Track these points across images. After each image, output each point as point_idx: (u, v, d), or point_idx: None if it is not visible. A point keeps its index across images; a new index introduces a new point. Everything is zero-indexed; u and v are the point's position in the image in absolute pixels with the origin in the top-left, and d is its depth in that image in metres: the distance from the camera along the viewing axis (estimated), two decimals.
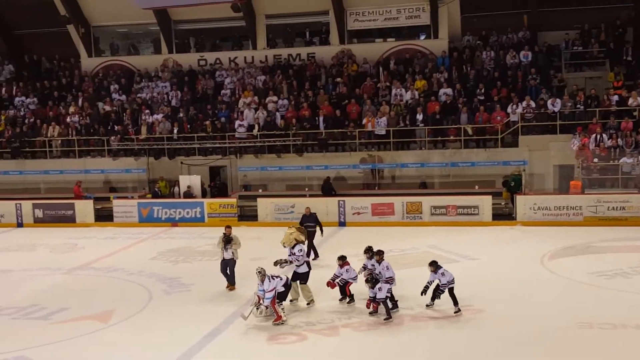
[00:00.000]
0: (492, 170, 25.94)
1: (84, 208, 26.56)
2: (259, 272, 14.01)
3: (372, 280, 13.98)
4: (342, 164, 27.19)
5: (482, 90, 27.82)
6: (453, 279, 13.91)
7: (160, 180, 27.48)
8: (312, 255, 18.68)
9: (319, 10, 31.93)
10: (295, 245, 15.12)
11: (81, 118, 30.37)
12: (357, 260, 18.82)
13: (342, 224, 24.51)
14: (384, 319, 13.60)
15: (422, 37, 31.79)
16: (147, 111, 29.96)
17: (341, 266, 14.81)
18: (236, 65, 32.29)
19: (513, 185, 24.50)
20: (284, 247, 15.49)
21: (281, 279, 14.12)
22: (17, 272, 19.19)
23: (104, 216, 26.72)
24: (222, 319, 14.14)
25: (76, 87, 32.79)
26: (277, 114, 28.67)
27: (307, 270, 14.98)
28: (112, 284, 17.75)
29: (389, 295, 13.92)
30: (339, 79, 29.81)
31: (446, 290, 13.93)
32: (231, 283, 16.32)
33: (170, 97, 31.01)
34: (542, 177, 25.82)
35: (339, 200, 24.76)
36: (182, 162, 28.35)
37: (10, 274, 19.09)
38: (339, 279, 14.78)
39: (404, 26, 31.66)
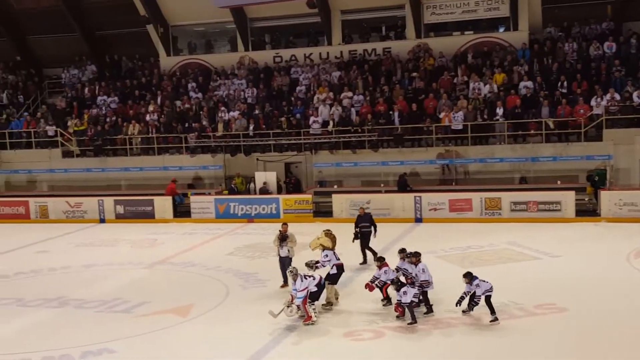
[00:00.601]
0: (575, 165, 25.07)
1: (163, 204, 27.03)
2: (290, 271, 13.97)
3: (398, 283, 13.66)
4: (419, 159, 26.80)
5: (564, 83, 26.98)
6: (490, 287, 13.28)
7: (237, 177, 27.73)
8: (368, 256, 18.14)
9: (395, 5, 31.56)
10: (323, 250, 15.04)
11: (160, 116, 30.93)
12: (434, 258, 18.63)
13: (418, 220, 24.20)
14: (408, 323, 13.22)
15: (501, 30, 31.07)
16: (223, 108, 30.28)
17: (379, 267, 14.51)
18: (311, 61, 32.27)
19: (597, 180, 23.69)
20: (312, 250, 15.59)
21: (314, 279, 13.91)
22: (100, 267, 19.68)
23: (182, 212, 27.13)
24: (298, 314, 14.11)
25: (155, 85, 33.44)
26: (352, 109, 28.52)
27: (337, 272, 14.78)
28: (190, 278, 17.98)
29: (415, 300, 13.48)
30: (415, 74, 29.45)
31: (483, 299, 13.34)
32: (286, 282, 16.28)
33: (246, 94, 31.26)
34: (628, 172, 24.87)
35: (415, 196, 24.45)
36: (257, 159, 28.52)
37: (93, 268, 19.58)
38: (377, 280, 14.47)
39: (483, 19, 31.00)
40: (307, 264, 14.64)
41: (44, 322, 14.64)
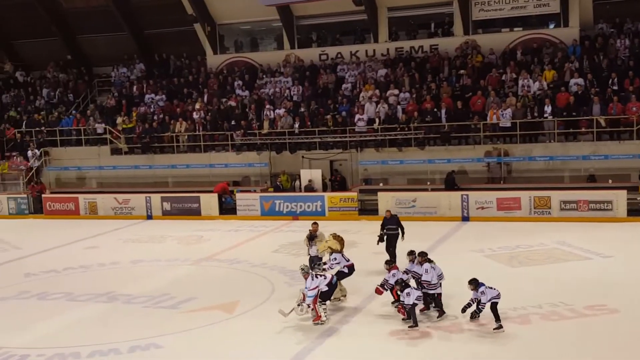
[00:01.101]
0: (627, 163, 24.54)
1: (209, 201, 27.22)
2: (302, 269, 13.90)
3: (402, 284, 13.37)
4: (466, 157, 26.51)
5: (616, 80, 26.37)
6: (497, 295, 12.81)
7: (282, 174, 27.78)
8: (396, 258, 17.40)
9: (443, 1, 31.29)
10: (331, 253, 14.94)
11: (207, 114, 31.14)
12: (481, 257, 18.39)
13: (465, 218, 23.91)
14: (409, 327, 12.97)
15: (552, 26, 30.50)
16: (269, 106, 30.36)
17: (389, 270, 14.22)
18: (357, 59, 32.14)
19: None
20: (319, 253, 15.61)
21: (325, 278, 13.75)
22: (147, 262, 19.89)
23: (227, 209, 27.26)
24: (343, 312, 14.05)
25: (202, 83, 33.69)
26: (399, 107, 28.33)
27: (347, 272, 14.75)
28: (236, 275, 18.04)
29: (417, 302, 13.18)
30: (462, 71, 29.10)
31: (488, 305, 12.93)
32: None
33: (291, 92, 31.30)
34: None
35: (462, 195, 24.16)
36: (303, 156, 28.51)
37: (141, 264, 19.80)
38: (387, 283, 14.15)
39: (532, 15, 30.48)
40: (313, 266, 14.63)
41: (93, 317, 14.83)
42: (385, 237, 17.57)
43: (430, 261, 13.92)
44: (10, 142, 33.63)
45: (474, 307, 13.08)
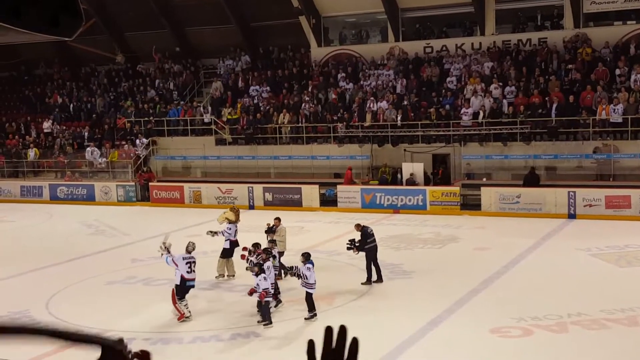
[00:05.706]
0: None
1: (310, 193, 27.43)
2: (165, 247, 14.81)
3: (260, 267, 13.56)
4: (573, 153, 25.62)
5: None
6: (312, 285, 13.04)
7: (384, 167, 27.67)
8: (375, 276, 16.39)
9: None
10: (229, 222, 17.28)
11: (310, 106, 31.36)
12: (587, 255, 17.73)
13: (571, 216, 23.13)
14: (261, 323, 13.35)
15: None
16: (372, 98, 30.27)
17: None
18: (463, 52, 31.57)
19: None
20: (219, 223, 17.77)
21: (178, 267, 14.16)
22: None
23: (328, 201, 27.39)
24: (443, 307, 13.87)
25: (306, 75, 33.94)
26: (505, 101, 27.66)
27: (229, 248, 16.80)
28: (335, 267, 18.11)
29: (269, 300, 13.45)
30: (571, 65, 28.10)
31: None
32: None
33: (395, 85, 31.09)
34: None
35: (569, 192, 23.38)
36: (405, 150, 28.28)
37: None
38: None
39: None
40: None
41: (195, 304, 15.19)
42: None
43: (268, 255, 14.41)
44: (121, 131, 34.96)
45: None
